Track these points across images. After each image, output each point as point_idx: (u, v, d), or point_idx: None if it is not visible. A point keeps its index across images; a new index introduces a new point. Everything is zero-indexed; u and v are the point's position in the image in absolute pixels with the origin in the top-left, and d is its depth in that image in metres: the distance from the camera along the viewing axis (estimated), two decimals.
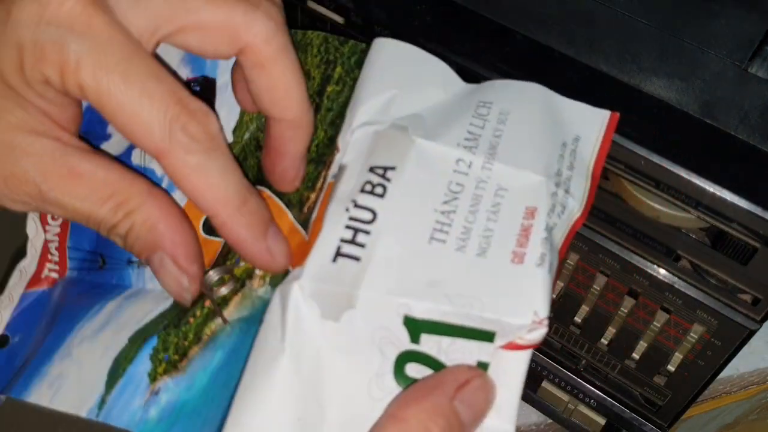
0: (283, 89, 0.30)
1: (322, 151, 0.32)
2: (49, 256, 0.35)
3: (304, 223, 0.31)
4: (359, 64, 0.32)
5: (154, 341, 0.31)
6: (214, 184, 0.28)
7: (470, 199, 0.27)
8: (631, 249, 0.37)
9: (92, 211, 0.28)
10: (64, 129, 0.28)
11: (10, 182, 0.27)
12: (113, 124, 0.27)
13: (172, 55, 0.33)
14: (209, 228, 0.32)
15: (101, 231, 0.29)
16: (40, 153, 0.27)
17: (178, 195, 0.30)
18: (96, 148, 0.29)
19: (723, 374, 0.39)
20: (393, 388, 0.26)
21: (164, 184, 0.33)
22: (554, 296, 0.42)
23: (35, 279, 0.35)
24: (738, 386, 0.59)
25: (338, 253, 0.26)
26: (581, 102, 0.31)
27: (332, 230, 0.27)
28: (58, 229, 0.35)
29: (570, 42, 0.36)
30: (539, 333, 0.25)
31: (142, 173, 0.29)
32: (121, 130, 0.27)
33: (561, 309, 0.43)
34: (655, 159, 0.32)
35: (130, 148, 0.34)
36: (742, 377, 0.57)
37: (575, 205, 0.29)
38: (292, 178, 0.32)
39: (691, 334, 0.37)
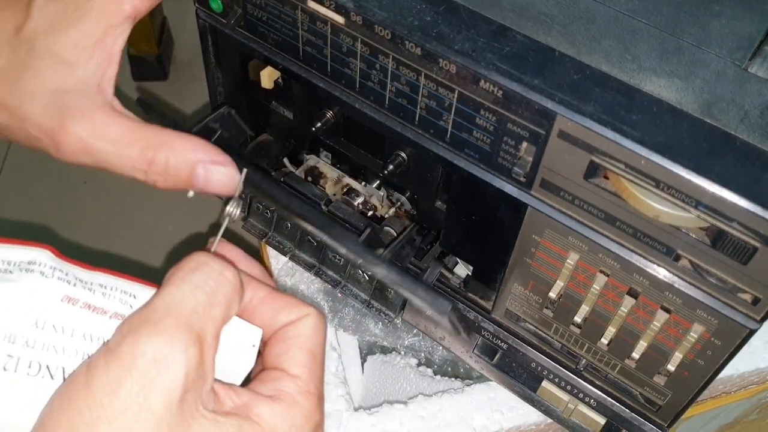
0: None
1: None
2: None
3: None
4: None
5: None
6: None
7: None
8: (631, 249, 0.37)
9: (123, 153, 0.35)
10: (105, 89, 0.36)
11: (59, 137, 0.35)
12: None
13: None
14: None
15: (137, 173, 0.35)
16: (86, 112, 0.35)
17: None
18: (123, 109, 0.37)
19: (723, 374, 0.39)
20: None
21: None
22: (554, 296, 0.42)
23: None
24: (738, 386, 0.59)
25: None
26: None
27: None
28: None
29: (570, 41, 0.36)
30: None
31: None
32: None
33: (561, 309, 0.43)
34: (655, 159, 0.32)
35: None
36: (742, 377, 0.57)
37: None
38: None
39: (691, 333, 0.37)
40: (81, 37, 0.37)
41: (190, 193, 0.37)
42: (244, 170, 0.36)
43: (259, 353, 0.33)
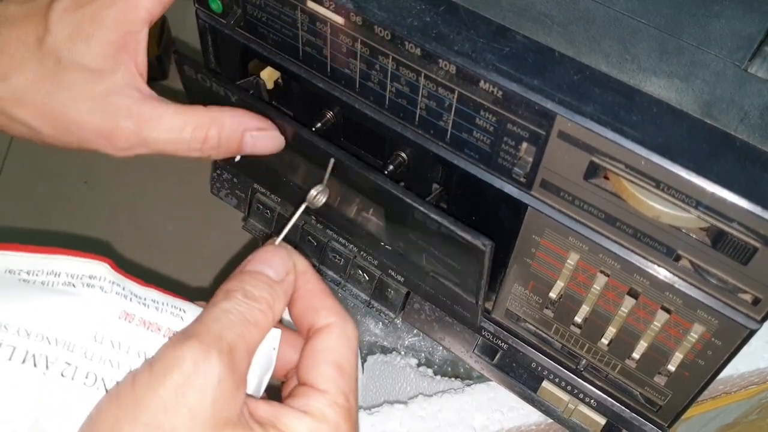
0: None
1: None
2: None
3: None
4: None
5: None
6: None
7: None
8: (632, 249, 0.37)
9: (178, 137, 0.38)
10: (141, 87, 0.39)
11: (114, 136, 0.38)
12: None
13: None
14: None
15: (193, 152, 0.39)
16: (133, 109, 0.38)
17: None
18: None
19: (723, 374, 0.39)
20: None
21: None
22: (554, 296, 0.42)
23: None
24: (738, 386, 0.59)
25: None
26: None
27: None
28: None
29: (570, 42, 0.36)
30: None
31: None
32: None
33: (561, 309, 0.43)
34: (655, 159, 0.32)
35: None
36: (742, 377, 0.57)
37: None
38: None
39: (691, 334, 0.37)
40: (102, 47, 0.39)
41: (237, 158, 0.42)
42: (332, 160, 0.39)
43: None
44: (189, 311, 0.33)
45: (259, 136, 0.40)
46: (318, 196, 0.41)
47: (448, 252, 0.41)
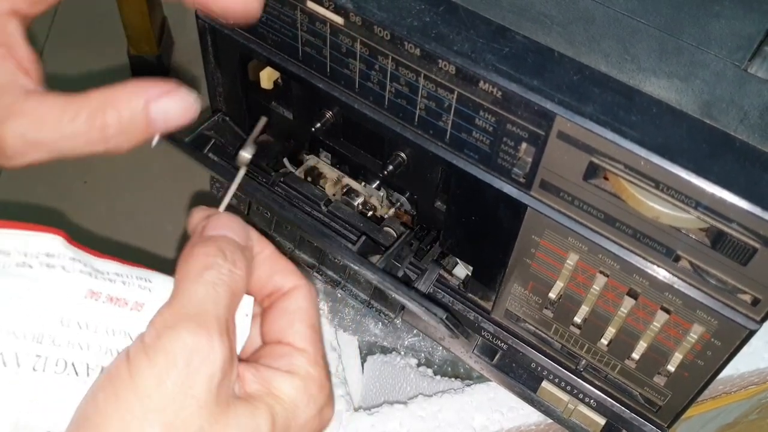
0: None
1: None
2: None
3: None
4: None
5: None
6: None
7: None
8: (631, 250, 0.37)
9: (72, 130, 0.32)
10: (24, 82, 0.33)
11: (1, 145, 0.32)
12: None
13: None
14: None
15: (96, 145, 0.32)
16: (14, 108, 0.31)
17: None
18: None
19: (723, 374, 0.39)
20: None
21: None
22: (554, 297, 0.42)
23: None
24: (738, 386, 0.59)
25: None
26: None
27: None
28: None
29: (570, 42, 0.36)
30: None
31: None
32: None
33: (560, 309, 0.43)
34: (655, 160, 0.32)
35: None
36: (742, 377, 0.57)
37: None
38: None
39: (691, 334, 0.37)
40: None
41: (154, 141, 0.34)
42: (263, 118, 0.38)
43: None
44: (155, 281, 0.32)
45: (166, 103, 0.33)
46: (246, 156, 0.37)
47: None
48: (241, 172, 0.37)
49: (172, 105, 0.33)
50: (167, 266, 0.33)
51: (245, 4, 0.35)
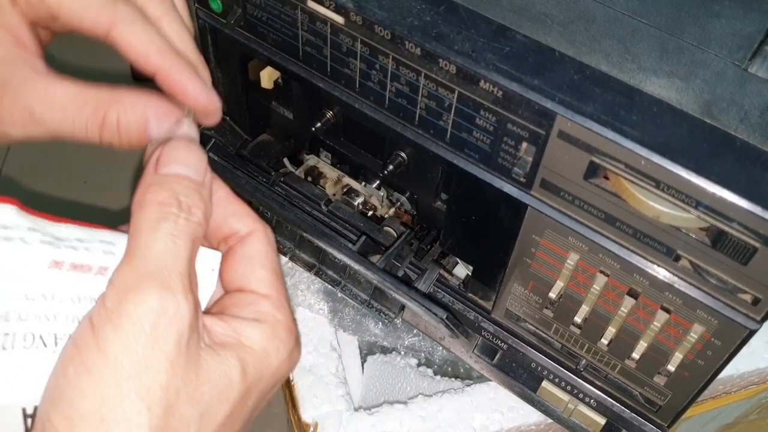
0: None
1: None
2: None
3: None
4: None
5: None
6: (180, 32, 0.34)
7: None
8: (631, 249, 0.37)
9: (76, 117, 0.33)
10: (35, 63, 0.34)
11: (6, 114, 0.33)
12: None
13: None
14: None
15: (91, 136, 0.33)
16: (26, 85, 0.33)
17: None
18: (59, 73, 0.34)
19: (723, 374, 0.39)
20: None
21: None
22: (554, 296, 0.42)
23: None
24: (738, 386, 0.59)
25: None
26: None
27: None
28: None
29: (570, 41, 0.36)
30: None
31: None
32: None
33: (561, 309, 0.43)
34: (655, 159, 0.32)
35: None
36: (742, 377, 0.57)
37: None
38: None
39: (691, 334, 0.37)
40: None
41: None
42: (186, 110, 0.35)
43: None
44: (118, 243, 0.31)
45: (165, 126, 0.34)
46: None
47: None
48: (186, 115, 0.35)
49: (170, 129, 0.34)
50: None
51: (208, 106, 0.35)
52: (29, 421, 0.29)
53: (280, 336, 0.32)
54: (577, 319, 0.42)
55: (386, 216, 0.52)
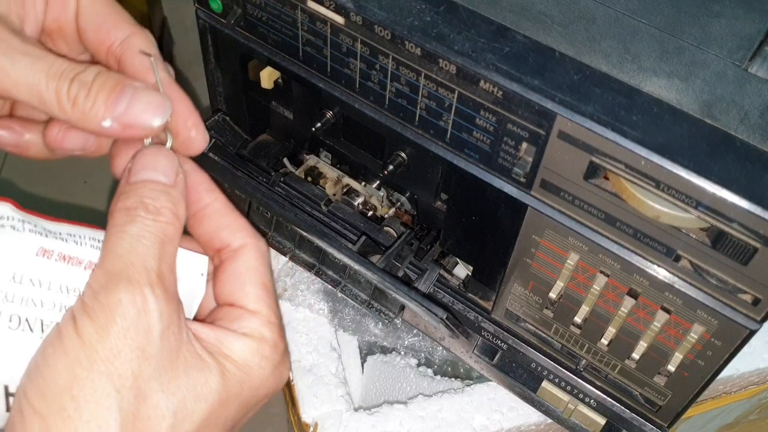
0: None
1: None
2: None
3: None
4: None
5: None
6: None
7: None
8: (632, 249, 0.37)
9: (49, 69, 0.32)
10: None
11: None
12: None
13: None
14: None
15: (62, 94, 0.32)
16: (13, 46, 0.32)
17: None
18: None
19: (723, 374, 0.39)
20: None
21: None
22: (554, 296, 0.42)
23: None
24: (738, 386, 0.59)
25: None
26: None
27: None
28: None
29: (570, 42, 0.36)
30: None
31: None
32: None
33: (561, 309, 0.43)
34: (655, 159, 0.32)
35: None
36: (742, 377, 0.57)
37: None
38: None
39: (691, 334, 0.37)
40: None
41: (107, 123, 0.32)
42: (151, 59, 0.36)
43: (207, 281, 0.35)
44: None
45: (139, 93, 0.33)
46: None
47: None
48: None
49: (144, 96, 0.33)
50: None
51: (196, 140, 0.36)
52: (11, 399, 0.30)
53: (263, 352, 0.32)
54: (577, 319, 0.42)
55: (386, 216, 0.52)
